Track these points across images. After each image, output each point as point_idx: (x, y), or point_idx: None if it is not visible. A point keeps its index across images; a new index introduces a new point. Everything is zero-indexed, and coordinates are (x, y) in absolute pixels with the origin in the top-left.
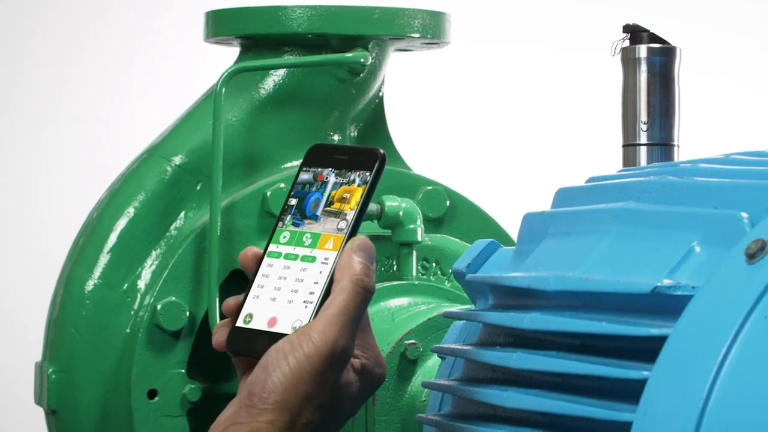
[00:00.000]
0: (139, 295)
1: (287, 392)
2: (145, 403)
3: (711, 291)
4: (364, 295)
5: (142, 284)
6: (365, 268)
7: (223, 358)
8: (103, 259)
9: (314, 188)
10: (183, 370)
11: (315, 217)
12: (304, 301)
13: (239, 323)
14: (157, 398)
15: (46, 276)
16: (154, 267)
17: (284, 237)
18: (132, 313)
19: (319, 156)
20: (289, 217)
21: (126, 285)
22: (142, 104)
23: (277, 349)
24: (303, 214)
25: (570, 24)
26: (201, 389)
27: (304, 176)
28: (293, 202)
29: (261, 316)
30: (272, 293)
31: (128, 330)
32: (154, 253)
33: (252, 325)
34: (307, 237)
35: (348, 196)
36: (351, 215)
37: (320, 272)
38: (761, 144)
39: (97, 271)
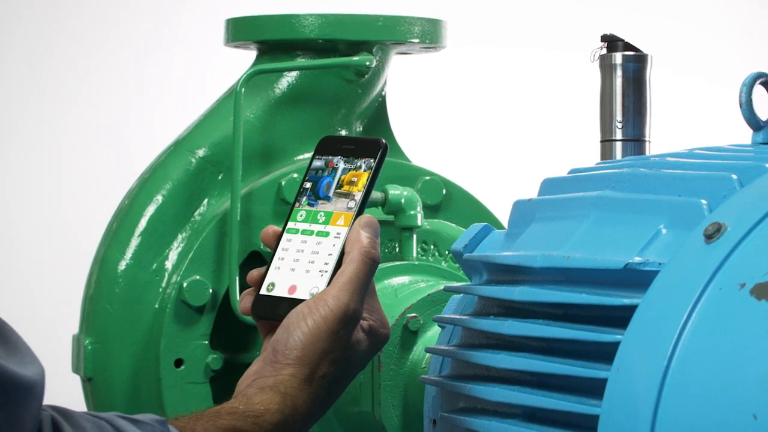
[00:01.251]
0: (166, 274)
1: (306, 349)
2: (172, 371)
3: (674, 267)
4: (371, 265)
5: (169, 264)
6: (371, 241)
7: (242, 331)
8: (134, 241)
9: (326, 173)
10: (206, 342)
11: (327, 198)
12: (319, 271)
13: (263, 291)
14: (183, 367)
15: (77, 257)
16: (180, 249)
17: (301, 215)
18: (160, 290)
19: (329, 146)
20: (304, 199)
21: (155, 265)
22: (162, 102)
23: (297, 312)
24: (317, 195)
25: (554, 29)
26: (222, 359)
27: (317, 163)
28: (308, 185)
29: (282, 285)
30: (291, 264)
31: (157, 305)
32: (180, 237)
33: (274, 293)
34: (321, 215)
35: (355, 179)
36: (359, 196)
37: (333, 245)
38: (725, 138)
39: (129, 253)
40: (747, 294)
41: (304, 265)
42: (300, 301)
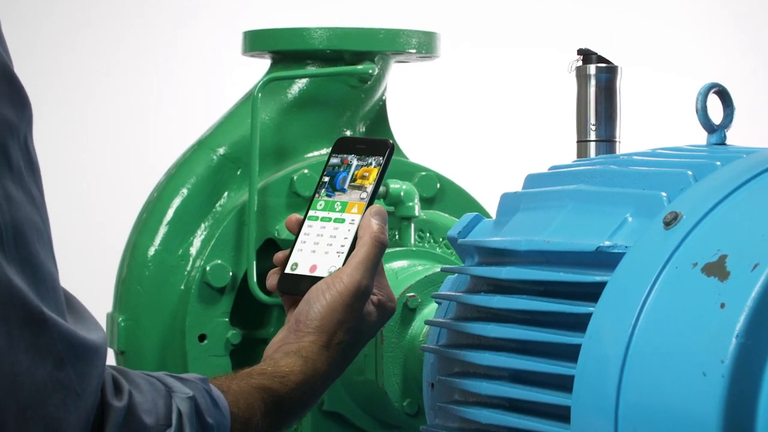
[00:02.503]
0: (191, 259)
1: (325, 319)
2: (196, 345)
3: (638, 249)
4: (381, 248)
5: (193, 250)
6: (381, 227)
7: (258, 310)
8: (162, 230)
9: (341, 169)
10: (226, 319)
11: (343, 190)
12: (336, 252)
13: (287, 270)
14: (206, 341)
15: (109, 245)
16: (203, 236)
17: (320, 205)
18: (186, 273)
19: (344, 145)
20: (323, 191)
21: (181, 251)
22: (183, 106)
23: (317, 288)
24: (334, 187)
25: (537, 36)
26: (241, 334)
27: (333, 161)
28: (326, 179)
29: (304, 264)
30: (312, 247)
31: (182, 287)
32: (203, 225)
33: (297, 271)
34: (337, 204)
35: (367, 174)
36: (369, 188)
37: (348, 230)
38: (693, 134)
39: (158, 240)
40: (699, 272)
41: (323, 247)
42: (319, 278)
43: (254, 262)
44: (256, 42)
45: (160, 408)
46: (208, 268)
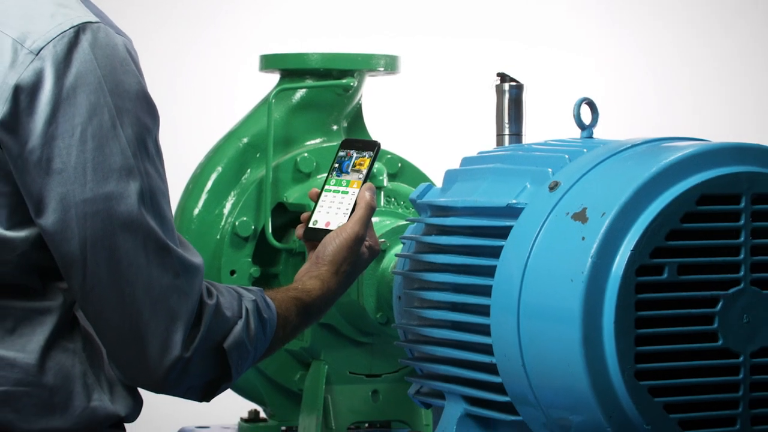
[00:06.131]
0: (224, 217)
1: (335, 256)
2: (229, 278)
3: (533, 205)
4: (371, 210)
5: (226, 210)
6: (371, 197)
7: (272, 253)
8: (204, 196)
9: (346, 159)
10: (250, 259)
11: (347, 173)
12: (343, 213)
13: (310, 225)
14: (235, 275)
15: None
16: (233, 200)
17: (332, 182)
18: (220, 227)
19: (348, 143)
20: (334, 173)
21: (217, 211)
22: (215, 109)
23: (330, 236)
24: (341, 171)
25: (472, 52)
26: (260, 270)
27: (341, 153)
28: (336, 165)
29: (321, 221)
30: (327, 210)
31: (218, 237)
32: (233, 193)
33: (317, 226)
34: (343, 182)
35: (363, 163)
36: (364, 172)
37: (350, 199)
38: (571, 129)
39: (200, 203)
40: (569, 218)
41: (334, 210)
42: (331, 230)
43: (269, 219)
44: (269, 62)
45: (234, 306)
46: (237, 223)
